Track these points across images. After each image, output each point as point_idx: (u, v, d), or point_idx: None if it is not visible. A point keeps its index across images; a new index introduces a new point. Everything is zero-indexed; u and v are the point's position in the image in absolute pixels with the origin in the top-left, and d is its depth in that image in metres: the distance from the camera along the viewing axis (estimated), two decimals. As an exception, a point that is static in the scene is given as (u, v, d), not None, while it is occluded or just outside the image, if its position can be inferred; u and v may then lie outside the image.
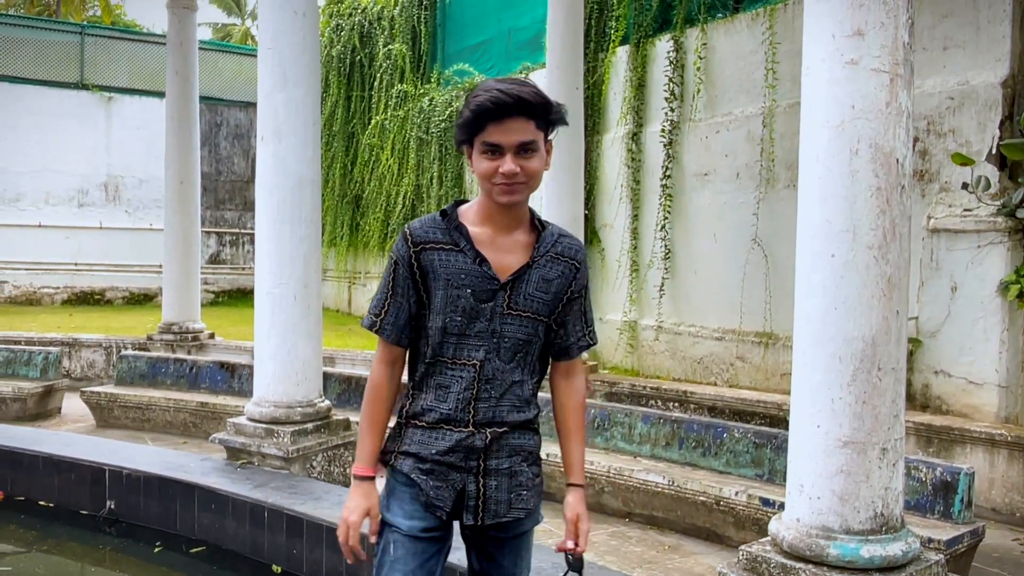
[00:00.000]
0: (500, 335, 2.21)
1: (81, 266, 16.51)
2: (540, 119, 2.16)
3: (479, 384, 2.21)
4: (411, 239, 2.23)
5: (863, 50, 3.20)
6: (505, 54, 11.78)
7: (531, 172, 2.16)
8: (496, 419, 2.22)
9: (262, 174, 5.60)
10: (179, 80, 10.62)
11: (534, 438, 2.32)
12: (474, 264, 2.19)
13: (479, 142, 2.15)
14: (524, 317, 2.22)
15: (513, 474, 2.25)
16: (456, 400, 2.21)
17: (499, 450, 2.23)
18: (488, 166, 2.14)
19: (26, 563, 5.15)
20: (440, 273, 2.19)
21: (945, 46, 6.51)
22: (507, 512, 2.25)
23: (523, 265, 2.22)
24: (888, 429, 3.28)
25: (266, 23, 5.65)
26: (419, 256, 2.21)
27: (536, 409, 2.30)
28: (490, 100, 2.10)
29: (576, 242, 2.34)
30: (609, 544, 5.19)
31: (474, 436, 2.20)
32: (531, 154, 2.15)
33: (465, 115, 2.16)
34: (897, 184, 3.27)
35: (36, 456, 5.70)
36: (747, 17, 8.21)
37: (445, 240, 2.21)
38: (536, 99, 2.13)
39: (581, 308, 2.36)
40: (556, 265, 2.26)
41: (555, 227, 2.32)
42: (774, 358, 7.85)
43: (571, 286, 2.29)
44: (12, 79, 16.37)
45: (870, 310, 3.24)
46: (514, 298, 2.21)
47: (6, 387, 8.42)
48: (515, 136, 2.12)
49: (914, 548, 3.33)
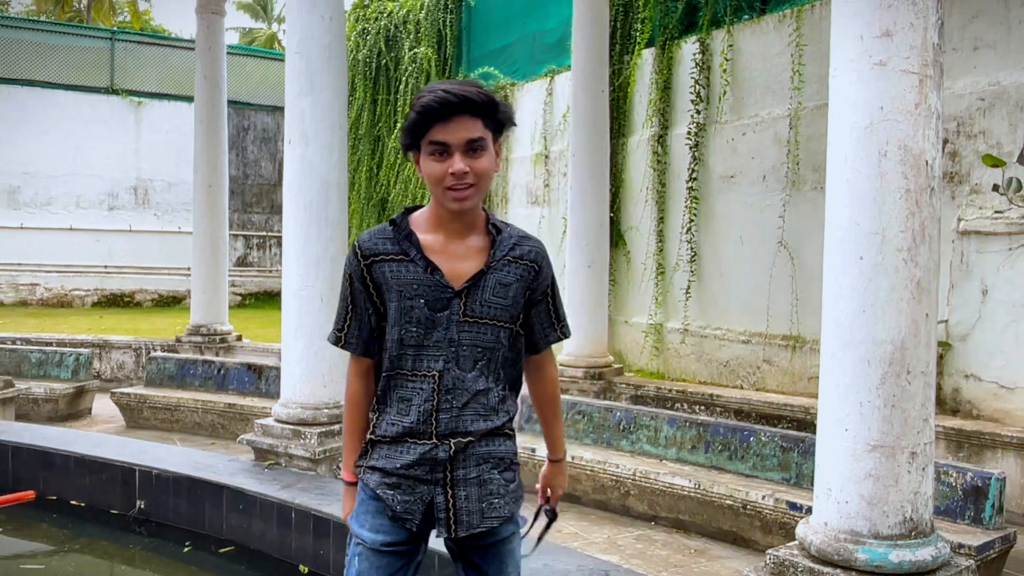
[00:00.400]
0: (458, 344, 2.16)
1: (111, 269, 16.72)
2: (487, 118, 2.13)
3: (439, 395, 2.16)
4: (360, 252, 2.19)
5: (892, 51, 3.19)
6: (530, 57, 11.79)
7: (480, 172, 2.12)
8: (460, 429, 2.17)
9: (290, 177, 5.65)
10: (207, 85, 10.72)
11: (505, 443, 2.25)
12: (425, 273, 2.15)
13: (426, 143, 2.12)
14: (483, 324, 2.17)
15: (483, 483, 2.20)
16: (417, 413, 2.16)
17: (466, 460, 2.18)
18: (437, 168, 2.11)
19: (58, 562, 5.22)
20: (392, 285, 2.16)
21: (975, 46, 6.44)
22: (480, 522, 2.19)
23: (478, 271, 2.17)
24: (918, 433, 3.26)
25: (293, 28, 5.70)
26: (370, 269, 2.18)
27: (506, 416, 2.25)
28: (435, 100, 2.08)
29: (536, 244, 2.28)
30: (635, 547, 5.18)
31: (437, 448, 2.16)
32: (480, 153, 2.12)
33: (411, 117, 2.13)
34: (927, 186, 3.24)
35: (68, 456, 5.77)
36: (774, 18, 8.17)
37: (395, 251, 2.17)
38: (481, 97, 2.10)
39: (548, 309, 2.32)
40: (514, 269, 2.21)
41: (513, 229, 2.27)
42: (801, 361, 7.80)
43: (532, 289, 2.25)
44: (44, 84, 16.60)
45: (899, 313, 3.22)
46: (470, 305, 2.16)
47: (39, 388, 8.54)
48: (462, 134, 2.09)
49: (944, 553, 3.31)
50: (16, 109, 15.76)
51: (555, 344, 2.40)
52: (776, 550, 3.54)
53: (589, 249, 8.71)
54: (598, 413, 6.28)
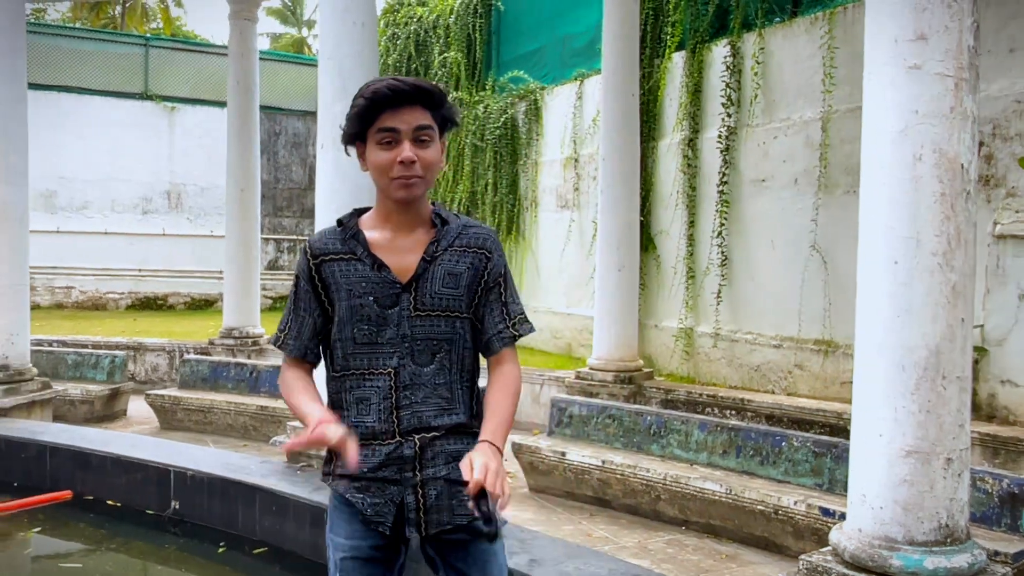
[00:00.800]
0: (412, 338, 2.13)
1: (145, 272, 16.93)
2: (435, 110, 2.12)
3: (397, 392, 2.12)
4: (310, 252, 2.18)
5: (926, 54, 3.17)
6: (560, 61, 11.81)
7: (428, 162, 2.10)
8: (422, 425, 2.13)
9: (322, 181, 5.70)
10: (240, 90, 10.85)
11: (473, 443, 2.13)
12: (373, 270, 2.13)
13: (374, 131, 2.09)
14: (436, 316, 2.14)
15: (453, 481, 2.12)
16: (378, 412, 2.13)
17: (434, 458, 2.14)
18: (385, 157, 2.08)
19: (95, 561, 5.29)
20: (341, 284, 2.14)
21: (1011, 48, 6.38)
22: (451, 519, 2.14)
23: (420, 263, 2.14)
24: (953, 439, 3.24)
25: (326, 34, 5.76)
26: (319, 269, 2.16)
27: (470, 412, 2.20)
28: (387, 87, 2.07)
29: (485, 230, 2.24)
30: (666, 552, 5.18)
31: (402, 446, 2.12)
32: (428, 143, 2.10)
33: (359, 103, 2.09)
34: (962, 190, 3.22)
35: (104, 456, 5.85)
36: (805, 21, 8.12)
37: (343, 250, 2.16)
38: (432, 88, 2.11)
39: (500, 299, 2.24)
40: (464, 257, 2.17)
41: (462, 219, 2.23)
42: (834, 366, 7.74)
43: (483, 277, 2.20)
44: (80, 90, 16.85)
45: (934, 318, 3.20)
46: (420, 298, 2.13)
47: (75, 389, 8.67)
48: (412, 120, 2.08)
49: (980, 560, 3.28)
50: (52, 115, 16.01)
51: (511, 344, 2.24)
52: (809, 556, 3.53)
53: (619, 253, 8.70)
54: (628, 417, 6.28)
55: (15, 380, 7.38)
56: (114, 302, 16.79)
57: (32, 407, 7.41)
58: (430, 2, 14.52)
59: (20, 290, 7.49)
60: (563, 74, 11.60)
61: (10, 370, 7.37)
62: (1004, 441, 5.97)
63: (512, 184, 12.27)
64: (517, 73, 12.46)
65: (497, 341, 2.23)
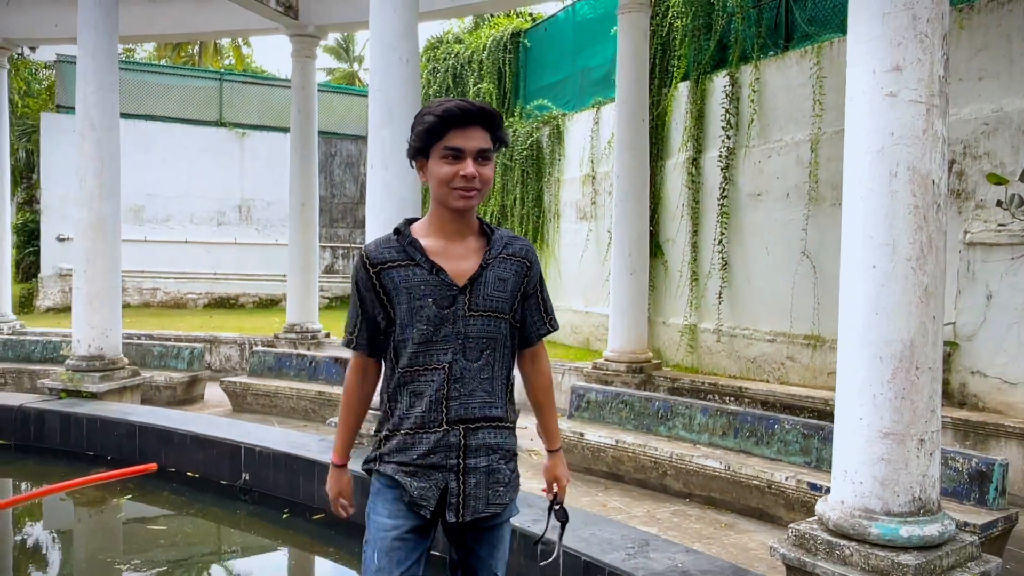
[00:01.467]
0: (465, 336, 2.09)
1: (219, 275, 17.13)
2: (494, 133, 2.09)
3: (449, 384, 2.08)
4: (369, 262, 2.12)
5: (901, 83, 3.16)
6: (579, 90, 11.81)
7: (486, 179, 2.08)
8: (468, 415, 2.10)
9: (372, 197, 5.76)
10: (301, 118, 10.95)
11: (510, 438, 2.20)
12: (431, 275, 2.08)
13: (440, 148, 2.05)
14: (486, 316, 2.11)
15: (491, 472, 2.13)
16: (429, 402, 2.09)
17: (477, 449, 2.11)
18: (448, 170, 2.05)
19: (177, 524, 5.38)
20: (401, 288, 2.08)
21: (980, 76, 6.30)
22: (485, 508, 2.12)
23: (478, 268, 2.12)
24: (925, 422, 3.21)
25: (375, 69, 5.82)
26: (379, 276, 2.10)
27: (509, 407, 2.19)
28: (456, 107, 2.03)
29: (525, 243, 2.24)
30: (671, 521, 5.17)
31: (448, 433, 2.09)
32: (487, 162, 2.08)
33: (429, 120, 2.05)
34: (933, 203, 3.20)
35: (185, 434, 5.96)
36: (796, 54, 8.07)
37: (401, 257, 2.10)
38: (495, 113, 2.08)
39: (538, 301, 2.26)
40: (509, 265, 2.16)
41: (504, 231, 2.22)
42: (821, 358, 7.68)
43: (525, 283, 2.19)
44: (163, 118, 17.09)
45: (908, 315, 3.18)
46: (474, 300, 2.09)
47: (160, 376, 8.79)
48: (476, 142, 2.05)
49: (950, 530, 3.25)
50: (141, 140, 16.26)
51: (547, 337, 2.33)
52: (798, 524, 3.52)
53: (631, 258, 8.70)
54: (639, 402, 6.28)
55: (109, 368, 7.51)
56: (193, 301, 17.00)
57: (123, 392, 7.54)
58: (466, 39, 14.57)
59: (113, 292, 7.62)
60: (582, 102, 11.60)
61: (105, 360, 7.50)
62: (974, 425, 5.90)
63: (537, 198, 12.28)
64: (542, 101, 12.49)
65: (535, 336, 2.27)
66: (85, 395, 7.20)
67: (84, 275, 7.47)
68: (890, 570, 3.09)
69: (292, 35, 10.87)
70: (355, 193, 18.72)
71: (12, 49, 12.14)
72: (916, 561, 3.08)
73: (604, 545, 3.62)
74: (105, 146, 7.47)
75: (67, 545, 5.14)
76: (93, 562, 4.74)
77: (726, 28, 8.96)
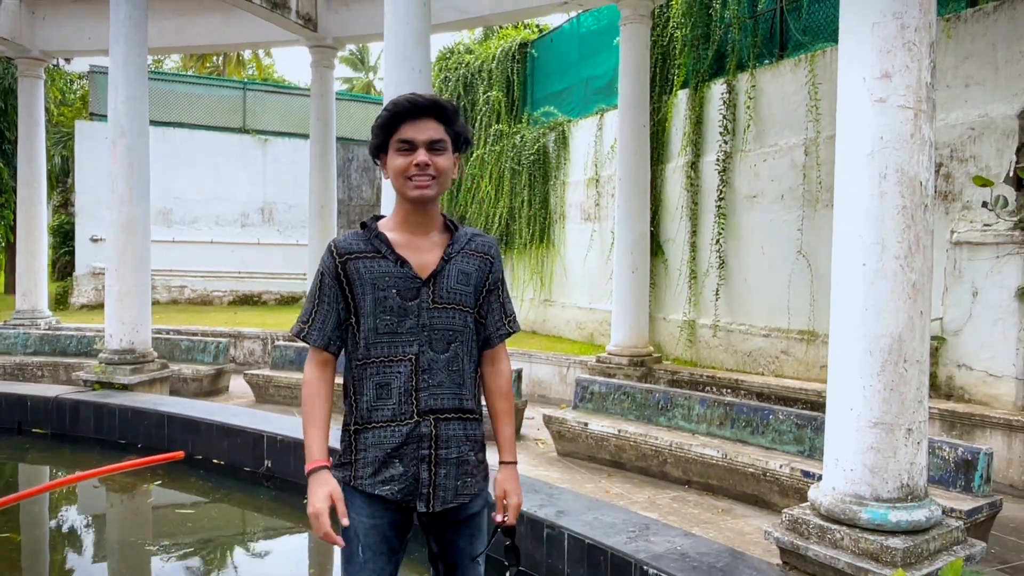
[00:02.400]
0: (430, 328, 2.03)
1: (243, 274, 17.19)
2: (449, 126, 2.04)
3: (417, 376, 2.02)
4: (336, 252, 2.06)
5: (890, 90, 3.14)
6: (583, 98, 11.79)
7: (441, 168, 2.02)
8: (438, 406, 2.03)
9: (388, 198, 5.77)
10: (320, 125, 10.97)
11: (479, 428, 2.12)
12: (396, 266, 2.03)
13: (394, 141, 2.02)
14: (450, 308, 2.05)
15: (460, 463, 2.06)
16: (398, 395, 2.02)
17: (448, 440, 2.04)
18: (402, 162, 2.01)
19: (204, 508, 5.41)
20: (366, 279, 2.03)
21: (967, 83, 6.26)
22: (454, 498, 2.05)
23: (440, 261, 2.06)
24: (913, 412, 3.20)
25: (390, 78, 5.83)
26: (344, 266, 2.04)
27: (476, 398, 2.12)
28: (407, 100, 2.01)
29: (488, 239, 2.17)
30: (671, 506, 5.17)
31: (420, 424, 2.01)
32: (442, 152, 2.02)
33: (382, 115, 2.03)
34: (921, 203, 3.19)
35: (211, 424, 5.98)
36: (791, 62, 8.04)
37: (367, 249, 2.05)
38: (447, 104, 2.04)
39: (499, 300, 2.18)
40: (472, 260, 2.11)
41: (468, 228, 2.16)
42: (814, 352, 7.66)
43: (488, 279, 2.13)
44: (190, 126, 17.17)
45: (897, 311, 3.17)
46: (438, 292, 2.04)
47: (187, 369, 8.84)
48: (428, 133, 2.00)
49: (936, 515, 3.24)
50: (169, 146, 16.33)
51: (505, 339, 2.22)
52: (791, 510, 3.51)
53: (633, 258, 8.69)
54: (640, 394, 6.27)
55: (139, 361, 7.54)
56: (218, 299, 17.07)
57: (153, 383, 7.57)
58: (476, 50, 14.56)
59: (144, 289, 7.66)
60: (586, 109, 11.59)
61: (136, 353, 7.54)
62: (960, 416, 5.87)
63: (544, 201, 12.28)
64: (548, 109, 12.47)
65: (495, 337, 2.18)
66: (117, 387, 7.24)
67: (116, 274, 7.51)
68: (879, 553, 3.08)
69: (311, 46, 10.89)
70: (371, 196, 18.75)
71: (48, 61, 12.20)
72: (904, 545, 3.07)
73: (607, 529, 3.62)
74: (135, 152, 7.49)
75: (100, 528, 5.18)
76: (125, 544, 4.77)
77: (724, 38, 8.93)
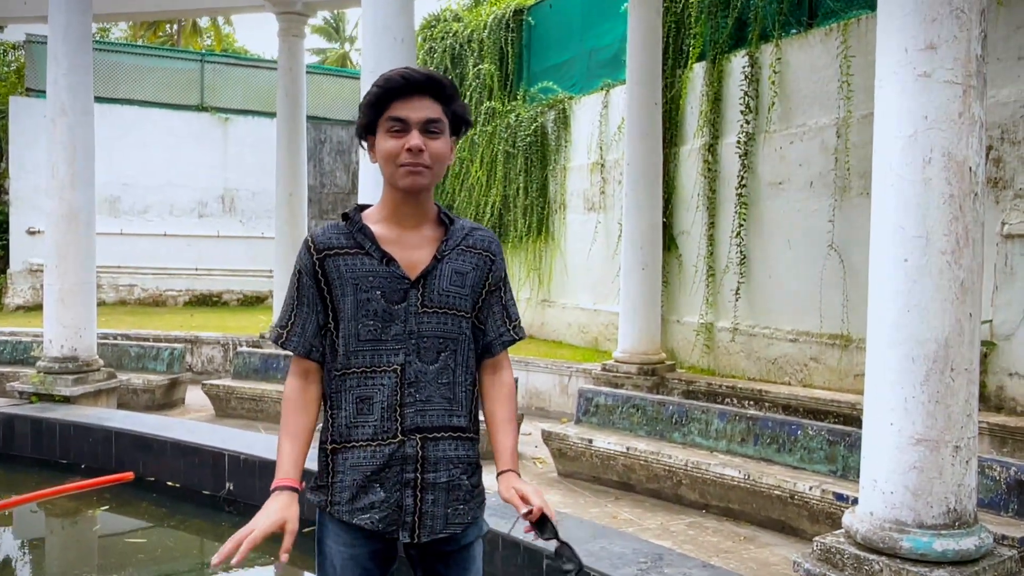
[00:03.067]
0: (419, 335, 1.97)
1: (201, 271, 17.15)
2: (446, 104, 1.99)
3: (403, 389, 1.96)
4: (313, 247, 2.00)
5: (936, 63, 3.14)
6: (587, 72, 11.79)
7: (436, 153, 1.96)
8: (425, 424, 1.97)
9: (364, 186, 5.75)
10: (288, 101, 10.95)
11: (473, 449, 2.06)
12: (381, 265, 1.97)
13: (384, 120, 1.96)
14: (442, 313, 2.00)
15: (451, 488, 2.00)
16: (381, 410, 1.96)
17: (436, 462, 1.98)
18: (393, 144, 1.94)
19: (157, 536, 5.39)
20: (347, 278, 1.97)
21: (1020, 56, 6.28)
22: (443, 528, 2.00)
23: (431, 260, 2.00)
24: (961, 428, 3.21)
25: (368, 49, 5.81)
26: (323, 263, 1.99)
27: (471, 416, 2.06)
28: (399, 75, 1.95)
29: (488, 233, 2.13)
30: (687, 534, 5.17)
31: (404, 444, 1.96)
32: (437, 135, 1.96)
33: (372, 91, 1.96)
34: (970, 191, 3.19)
35: (164, 441, 5.96)
36: (821, 32, 8.05)
37: (349, 244, 2.00)
38: (444, 81, 1.99)
39: (501, 302, 2.14)
40: (469, 257, 2.05)
41: (465, 221, 2.11)
42: (848, 359, 7.67)
43: (487, 278, 2.08)
44: (141, 103, 17.11)
45: (943, 313, 3.17)
46: (428, 295, 1.98)
47: (137, 379, 8.81)
48: (423, 112, 1.94)
49: (987, 543, 3.25)
50: (116, 126, 16.26)
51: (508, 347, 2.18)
52: (823, 537, 3.52)
53: (643, 252, 8.69)
54: (652, 407, 6.28)
55: (83, 371, 7.51)
56: (173, 299, 17.03)
57: (99, 395, 7.54)
58: (465, 17, 14.55)
59: (87, 288, 7.62)
60: (590, 84, 11.59)
61: (79, 361, 7.50)
62: (1012, 431, 5.89)
63: (542, 188, 12.27)
64: (547, 84, 12.46)
65: (498, 344, 2.14)
66: (58, 399, 7.21)
67: (56, 271, 7.47)
68: (923, 587, 3.09)
69: (278, 13, 10.87)
70: (346, 182, 18.72)
71: (-22, 28, 12.15)
72: (951, 577, 3.08)
73: (615, 560, 3.62)
74: (78, 132, 7.46)
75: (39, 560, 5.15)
76: (67, 578, 4.75)
77: (745, 4, 8.93)
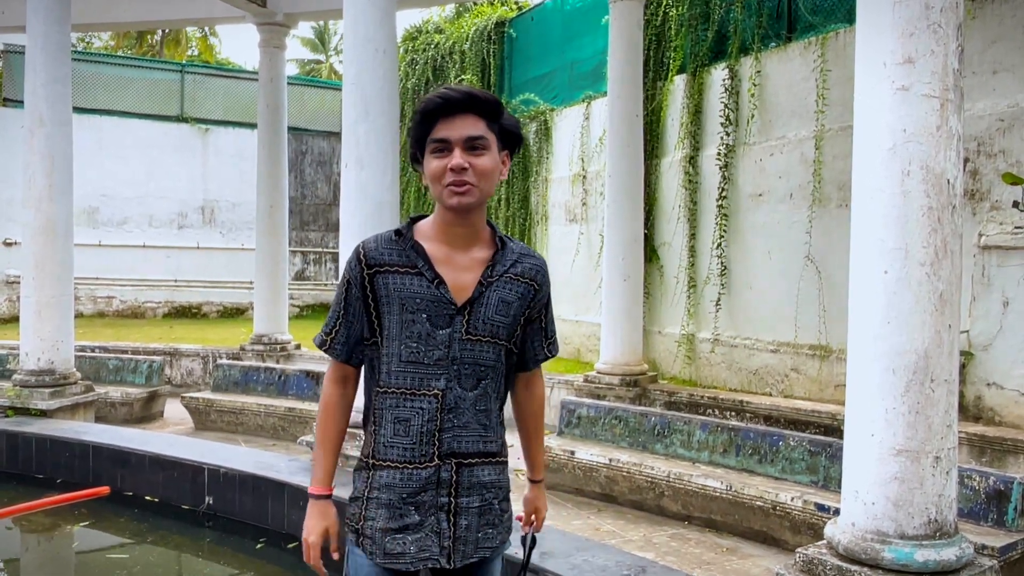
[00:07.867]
0: (460, 361, 1.97)
1: (180, 283, 17.01)
2: (491, 119, 1.98)
3: (442, 415, 1.97)
4: (365, 260, 2.00)
5: (914, 77, 3.17)
6: (568, 84, 11.83)
7: (481, 170, 1.94)
8: (461, 450, 1.98)
9: (346, 198, 5.73)
10: (269, 112, 10.89)
11: (503, 472, 2.09)
12: (431, 287, 1.95)
13: (429, 142, 1.96)
14: (484, 342, 1.99)
15: (483, 512, 2.02)
16: (418, 434, 1.97)
17: (470, 487, 2.00)
18: (437, 165, 1.94)
19: (137, 552, 5.30)
20: (395, 297, 1.96)
21: (994, 70, 6.36)
22: (474, 552, 2.02)
23: (476, 286, 1.99)
24: (942, 438, 3.22)
25: (350, 61, 5.80)
26: (372, 279, 1.99)
27: (501, 439, 2.09)
28: (438, 96, 1.95)
29: (538, 261, 2.11)
30: (669, 545, 5.16)
31: (440, 469, 1.97)
32: (481, 152, 1.94)
33: (413, 118, 1.98)
34: (948, 203, 3.22)
35: (143, 455, 5.89)
36: (799, 45, 8.12)
37: (401, 261, 1.98)
38: (484, 96, 1.97)
39: (541, 326, 2.16)
40: (516, 286, 2.04)
41: (517, 244, 2.09)
42: (828, 370, 7.71)
43: (530, 307, 2.08)
44: (120, 113, 16.98)
45: (922, 324, 3.19)
46: (473, 323, 1.97)
47: (116, 392, 8.71)
48: (464, 130, 1.93)
49: (968, 553, 3.26)
50: (95, 136, 16.13)
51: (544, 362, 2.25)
52: (805, 549, 3.52)
53: (624, 264, 8.71)
54: (634, 418, 6.27)
55: (60, 384, 7.41)
56: (152, 311, 16.87)
57: (76, 409, 7.45)
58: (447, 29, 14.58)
59: (65, 300, 7.54)
60: (571, 96, 11.62)
61: (56, 374, 7.41)
62: (990, 440, 5.93)
63: (524, 199, 12.29)
64: (528, 95, 12.50)
65: (533, 362, 2.19)
66: (34, 412, 7.11)
67: (33, 282, 7.38)
68: (905, 597, 3.10)
69: (260, 24, 10.82)
70: (328, 194, 18.66)
71: (-45, 38, 12.03)
72: (932, 587, 3.09)
73: (597, 572, 3.60)
74: (56, 142, 7.38)
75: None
76: (42, 595, 4.67)
77: (725, 18, 9.01)
